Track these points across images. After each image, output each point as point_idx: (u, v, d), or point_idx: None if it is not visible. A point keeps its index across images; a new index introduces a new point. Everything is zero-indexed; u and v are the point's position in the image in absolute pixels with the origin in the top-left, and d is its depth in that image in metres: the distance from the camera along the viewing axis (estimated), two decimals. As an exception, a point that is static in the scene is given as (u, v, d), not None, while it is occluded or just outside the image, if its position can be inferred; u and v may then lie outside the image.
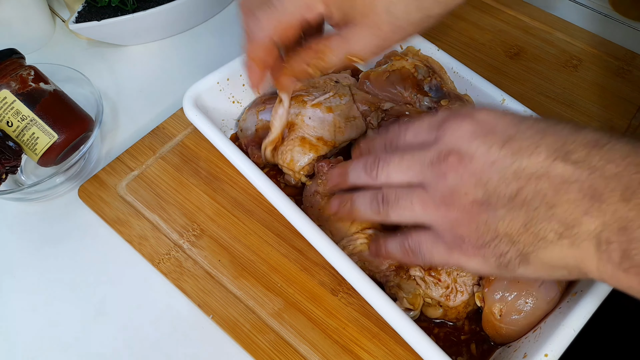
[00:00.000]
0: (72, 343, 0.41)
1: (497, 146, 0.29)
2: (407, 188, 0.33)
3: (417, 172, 0.32)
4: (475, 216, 0.30)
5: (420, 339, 0.33)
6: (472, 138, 0.30)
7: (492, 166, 0.29)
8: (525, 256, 0.29)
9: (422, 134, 0.33)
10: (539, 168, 0.28)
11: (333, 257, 0.36)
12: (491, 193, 0.29)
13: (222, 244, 0.44)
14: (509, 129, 0.30)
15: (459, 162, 0.30)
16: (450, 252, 0.32)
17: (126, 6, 0.57)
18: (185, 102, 0.44)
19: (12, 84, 0.45)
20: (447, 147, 0.30)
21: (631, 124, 0.54)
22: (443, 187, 0.30)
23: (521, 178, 0.28)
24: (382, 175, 0.33)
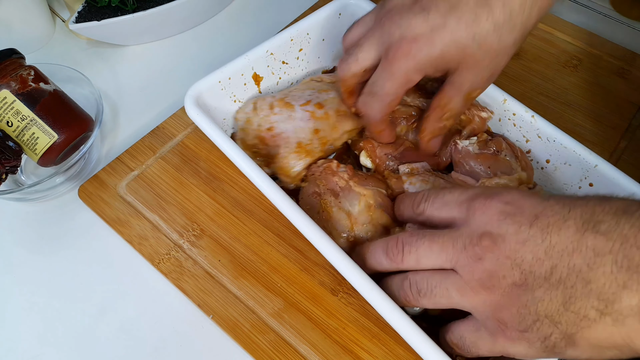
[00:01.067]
0: (72, 343, 0.41)
1: (527, 225, 0.29)
2: (439, 274, 0.32)
3: (449, 255, 0.31)
4: (515, 299, 0.29)
5: (421, 339, 0.33)
6: (501, 219, 0.30)
7: (524, 246, 0.29)
8: (570, 337, 0.28)
9: (451, 207, 0.33)
10: (570, 243, 0.27)
11: (334, 257, 0.36)
12: (527, 274, 0.28)
13: (222, 244, 0.45)
14: (537, 207, 0.29)
15: (493, 244, 0.29)
16: (495, 340, 0.30)
17: (126, 6, 0.57)
18: (187, 100, 0.44)
19: (12, 84, 0.45)
20: (480, 230, 0.30)
21: (631, 124, 0.54)
22: (480, 271, 0.30)
23: (553, 256, 0.28)
24: (410, 260, 0.33)
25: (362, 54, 0.39)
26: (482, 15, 0.34)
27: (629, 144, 0.53)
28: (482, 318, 0.31)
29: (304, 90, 0.48)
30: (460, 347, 0.33)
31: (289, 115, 0.45)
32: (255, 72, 0.49)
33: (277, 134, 0.45)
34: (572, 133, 0.44)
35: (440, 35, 0.35)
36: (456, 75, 0.37)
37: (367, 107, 0.40)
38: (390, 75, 0.37)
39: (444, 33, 0.35)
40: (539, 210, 0.29)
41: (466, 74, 0.37)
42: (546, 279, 0.28)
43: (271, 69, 0.50)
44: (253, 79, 0.49)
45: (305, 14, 0.60)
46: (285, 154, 0.44)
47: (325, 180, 0.43)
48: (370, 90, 0.39)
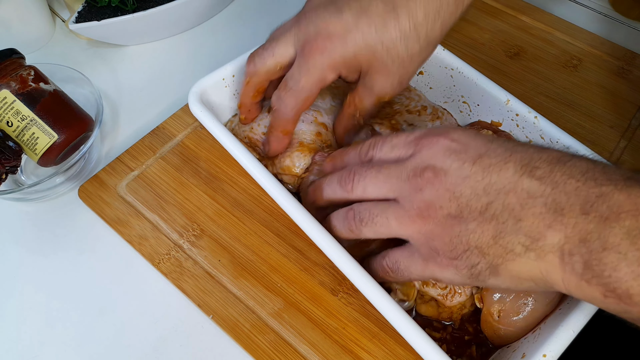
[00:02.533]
0: (72, 343, 0.41)
1: (470, 163, 0.31)
2: (382, 204, 0.34)
3: (393, 186, 0.33)
4: (448, 229, 0.31)
5: (421, 338, 0.33)
6: (446, 154, 0.32)
7: (465, 181, 0.30)
8: (494, 268, 0.30)
9: (399, 148, 0.34)
10: (507, 183, 0.29)
11: (336, 256, 0.36)
12: (463, 207, 0.30)
13: (222, 244, 0.45)
14: (481, 148, 0.31)
15: (435, 176, 0.31)
16: (426, 265, 0.33)
17: (126, 6, 0.57)
18: (191, 97, 0.44)
19: (12, 84, 0.45)
20: (424, 163, 0.32)
21: (631, 124, 0.54)
22: (419, 201, 0.32)
23: (491, 193, 0.30)
24: (358, 189, 0.35)
25: (278, 48, 0.39)
26: (390, 22, 0.36)
27: (628, 144, 0.53)
28: (417, 245, 0.33)
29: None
30: (394, 271, 0.35)
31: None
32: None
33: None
34: (572, 133, 0.44)
35: (353, 36, 0.36)
36: (367, 78, 0.39)
37: (281, 102, 0.40)
38: (306, 70, 0.38)
39: (357, 34, 0.36)
40: (482, 151, 0.31)
41: (376, 77, 0.38)
42: (481, 213, 0.30)
43: (273, 67, 0.50)
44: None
45: None
46: (289, 153, 0.44)
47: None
48: (285, 85, 0.39)
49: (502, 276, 0.30)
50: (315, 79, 0.38)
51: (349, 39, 0.36)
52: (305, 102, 0.40)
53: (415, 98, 0.49)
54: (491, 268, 0.30)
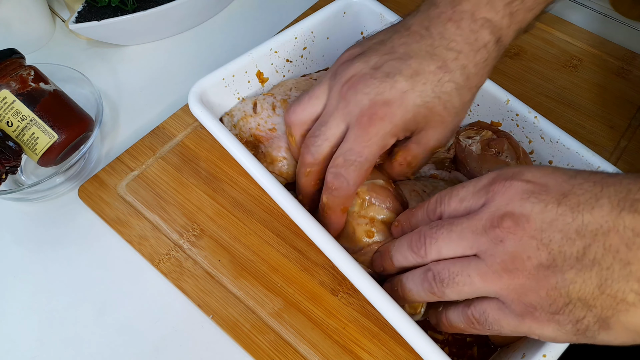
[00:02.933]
0: (72, 343, 0.41)
1: (554, 204, 0.27)
2: (460, 261, 0.31)
3: (469, 241, 0.30)
4: (543, 281, 0.27)
5: (421, 338, 0.33)
6: (524, 198, 0.28)
7: (552, 225, 0.27)
8: (604, 321, 0.27)
9: (468, 200, 0.31)
10: (605, 222, 0.26)
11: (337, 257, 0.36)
12: (556, 254, 0.27)
13: (222, 244, 0.45)
14: (563, 185, 0.28)
15: (516, 225, 0.28)
16: (522, 321, 0.29)
17: (126, 6, 0.57)
18: (191, 97, 0.44)
19: (12, 84, 0.45)
20: (500, 211, 0.29)
21: (631, 124, 0.54)
22: (502, 254, 0.28)
23: (586, 235, 0.26)
24: (432, 252, 0.32)
25: (331, 130, 0.37)
26: (444, 78, 0.35)
27: (629, 144, 0.53)
28: (509, 301, 0.29)
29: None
30: (481, 322, 0.31)
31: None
32: (259, 70, 0.49)
33: (278, 136, 0.45)
34: (572, 133, 0.44)
35: (411, 97, 0.35)
36: (422, 135, 0.38)
37: (342, 179, 0.37)
38: (368, 140, 0.36)
39: (413, 96, 0.35)
40: (566, 189, 0.28)
41: (432, 132, 0.37)
42: (578, 259, 0.26)
43: (275, 67, 0.50)
44: (257, 76, 0.49)
45: (305, 14, 0.60)
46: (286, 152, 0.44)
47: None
48: (344, 160, 0.36)
49: (614, 329, 0.27)
50: (377, 149, 0.36)
51: (407, 102, 0.35)
52: (367, 173, 0.37)
53: None
54: (600, 322, 0.27)
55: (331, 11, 0.50)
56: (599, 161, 0.42)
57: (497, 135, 0.46)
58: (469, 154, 0.45)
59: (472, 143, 0.45)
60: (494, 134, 0.46)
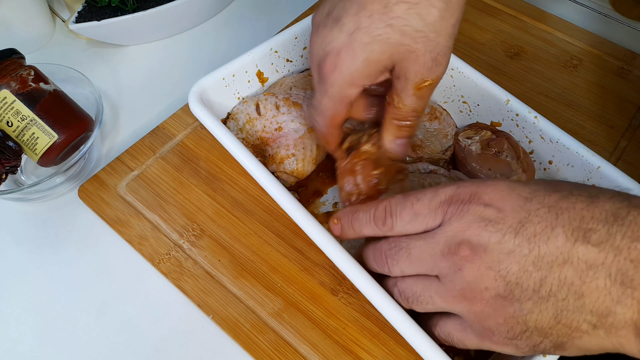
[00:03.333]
0: (72, 343, 0.41)
1: (511, 234, 0.27)
2: (422, 281, 0.31)
3: (430, 265, 0.30)
4: (500, 310, 0.28)
5: (421, 338, 0.33)
6: (481, 226, 0.28)
7: (509, 256, 0.27)
8: (560, 345, 0.28)
9: (423, 217, 0.31)
10: (559, 254, 0.26)
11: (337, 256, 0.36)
12: (513, 286, 0.27)
13: (222, 244, 0.45)
14: (519, 211, 0.28)
15: (473, 254, 0.28)
16: (482, 341, 0.30)
17: (126, 6, 0.57)
18: (191, 97, 0.44)
19: (12, 84, 0.45)
20: (457, 238, 0.29)
21: (631, 124, 0.54)
22: (461, 282, 0.29)
23: (542, 267, 0.27)
24: (395, 270, 0.32)
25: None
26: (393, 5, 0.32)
27: (629, 144, 0.53)
28: (469, 322, 0.30)
29: (305, 89, 0.48)
30: (448, 342, 0.33)
31: (299, 114, 0.46)
32: (259, 70, 0.49)
33: (285, 134, 0.45)
34: (572, 133, 0.44)
35: (357, 38, 0.33)
36: (397, 69, 0.35)
37: (313, 121, 0.40)
38: (325, 92, 0.36)
39: (361, 35, 0.33)
40: (523, 216, 0.28)
41: (405, 64, 0.34)
42: (535, 291, 0.27)
43: (275, 66, 0.50)
44: (257, 76, 0.49)
45: (305, 14, 0.60)
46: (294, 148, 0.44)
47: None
48: (314, 110, 0.38)
49: (569, 350, 0.28)
50: (336, 100, 0.36)
51: (355, 45, 0.33)
52: (334, 120, 0.38)
53: None
54: (556, 345, 0.28)
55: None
56: (599, 161, 0.42)
57: (496, 135, 0.46)
58: (468, 153, 0.45)
59: (472, 143, 0.45)
60: (493, 134, 0.46)
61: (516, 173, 0.43)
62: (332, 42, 0.34)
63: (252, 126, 0.46)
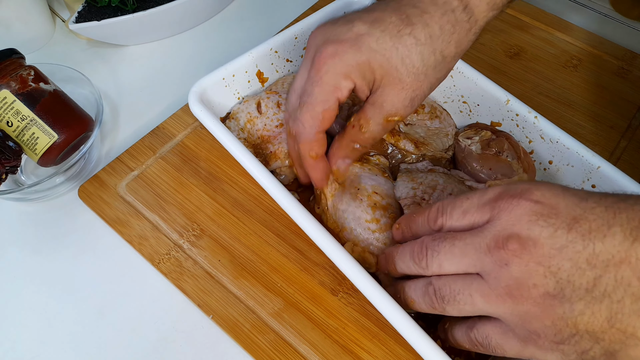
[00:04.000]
0: (72, 343, 0.41)
1: (564, 229, 0.26)
2: (462, 279, 0.29)
3: (473, 260, 0.29)
4: (549, 310, 0.26)
5: (421, 338, 0.33)
6: (532, 220, 0.27)
7: (561, 252, 0.26)
8: (612, 354, 0.26)
9: (471, 214, 0.30)
10: (616, 253, 0.25)
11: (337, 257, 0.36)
12: (564, 284, 0.26)
13: (222, 244, 0.45)
14: (574, 208, 0.27)
15: (522, 248, 0.27)
16: (525, 346, 0.28)
17: (126, 6, 0.57)
18: (191, 97, 0.44)
19: (12, 84, 0.45)
20: (506, 231, 0.27)
21: (631, 124, 0.54)
22: (507, 278, 0.27)
23: (597, 265, 0.25)
24: (433, 265, 0.31)
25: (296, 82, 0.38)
26: (404, 30, 0.34)
27: (629, 144, 0.53)
28: (511, 325, 0.29)
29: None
30: (484, 346, 0.31)
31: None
32: (259, 70, 0.49)
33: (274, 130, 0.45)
34: (572, 133, 0.44)
35: (366, 40, 0.34)
36: (378, 94, 0.36)
37: (298, 122, 0.37)
38: (319, 79, 0.35)
39: (369, 39, 0.34)
40: (577, 213, 0.26)
41: (388, 90, 0.35)
42: (588, 290, 0.25)
43: (275, 66, 0.50)
44: (257, 76, 0.49)
45: (305, 14, 0.60)
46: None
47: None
48: (300, 102, 0.37)
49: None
50: (328, 88, 0.35)
51: (362, 43, 0.34)
52: (324, 117, 0.36)
53: None
54: (607, 354, 0.26)
55: (331, 11, 0.50)
56: (599, 161, 0.42)
57: (496, 135, 0.46)
58: (469, 154, 0.45)
59: (472, 143, 0.45)
60: (493, 134, 0.46)
61: (517, 173, 0.43)
62: (338, 35, 0.35)
63: (253, 125, 0.46)
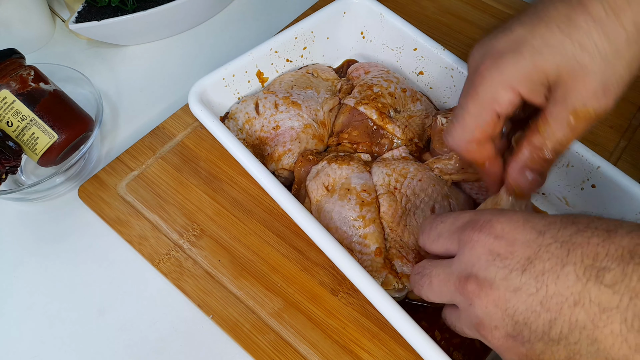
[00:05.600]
0: (72, 343, 0.41)
1: (518, 271, 0.26)
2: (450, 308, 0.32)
3: (448, 297, 0.30)
4: (513, 349, 0.27)
5: (421, 338, 0.33)
6: (489, 260, 0.27)
7: (516, 295, 0.26)
8: None
9: (445, 239, 0.31)
10: (570, 295, 0.25)
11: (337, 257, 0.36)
12: (522, 326, 0.26)
13: (222, 244, 0.45)
14: (530, 246, 0.27)
15: (480, 289, 0.27)
16: None
17: (126, 6, 0.57)
18: (191, 97, 0.44)
19: (12, 84, 0.45)
20: (466, 270, 0.28)
21: (631, 124, 0.54)
22: (473, 317, 0.29)
23: (551, 308, 0.25)
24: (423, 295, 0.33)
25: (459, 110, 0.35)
26: (577, 14, 0.30)
27: (628, 144, 0.53)
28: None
29: (305, 89, 0.48)
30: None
31: (297, 113, 0.46)
32: (259, 70, 0.49)
33: (282, 132, 0.45)
34: (572, 133, 0.44)
35: (527, 42, 0.31)
36: (559, 90, 0.31)
37: (448, 135, 0.35)
38: (474, 93, 0.32)
39: (532, 40, 0.31)
40: (533, 251, 0.27)
41: (571, 83, 0.30)
42: (545, 332, 0.26)
43: (275, 66, 0.50)
44: (257, 76, 0.49)
45: (305, 14, 0.60)
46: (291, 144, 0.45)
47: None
48: (454, 116, 0.35)
49: None
50: (483, 102, 0.32)
51: (522, 47, 0.31)
52: (477, 130, 0.33)
53: (394, 80, 0.49)
54: None
55: (331, 11, 0.50)
56: (599, 161, 0.42)
57: None
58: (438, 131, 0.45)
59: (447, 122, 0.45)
60: None
61: None
62: (495, 45, 0.32)
63: (252, 126, 0.46)
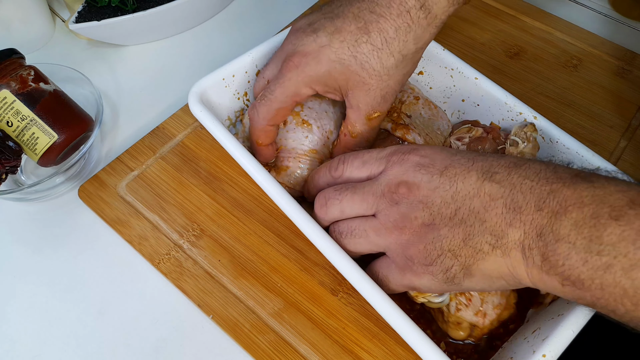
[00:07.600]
0: (72, 343, 0.41)
1: (437, 174, 0.34)
2: (359, 219, 0.36)
3: (370, 204, 0.35)
4: (423, 237, 0.33)
5: (420, 339, 0.33)
6: (417, 169, 0.34)
7: (435, 192, 0.33)
8: (467, 269, 0.32)
9: (370, 164, 0.37)
10: (471, 189, 0.32)
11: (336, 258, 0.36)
12: (435, 215, 0.33)
13: (222, 244, 0.45)
14: (446, 160, 0.34)
15: (409, 191, 0.34)
16: (403, 274, 0.35)
17: (126, 6, 0.57)
18: (191, 97, 0.44)
19: (12, 84, 0.45)
20: (397, 179, 0.35)
21: (631, 124, 0.54)
22: (396, 214, 0.34)
23: (458, 199, 0.32)
24: (334, 211, 0.37)
25: (268, 70, 0.43)
26: (361, 38, 0.38)
27: (628, 144, 0.53)
28: (393, 256, 0.35)
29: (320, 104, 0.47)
30: (378, 280, 0.37)
31: (305, 136, 0.45)
32: (259, 70, 0.49)
33: (290, 150, 0.45)
34: (572, 133, 0.44)
35: (325, 52, 0.39)
36: (350, 97, 0.40)
37: (255, 111, 0.42)
38: (281, 83, 0.40)
39: (329, 51, 0.39)
40: (448, 162, 0.34)
41: (357, 93, 0.40)
42: (450, 218, 0.32)
43: (274, 67, 0.50)
44: (257, 76, 0.49)
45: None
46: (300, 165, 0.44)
47: None
48: (262, 95, 0.42)
49: (475, 276, 0.32)
50: (288, 92, 0.40)
51: (322, 56, 0.39)
52: (278, 113, 0.41)
53: (409, 91, 0.49)
54: (465, 270, 0.32)
55: (331, 11, 0.50)
56: (599, 161, 0.42)
57: (487, 132, 0.45)
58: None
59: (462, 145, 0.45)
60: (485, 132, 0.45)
61: None
62: (304, 45, 0.40)
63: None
